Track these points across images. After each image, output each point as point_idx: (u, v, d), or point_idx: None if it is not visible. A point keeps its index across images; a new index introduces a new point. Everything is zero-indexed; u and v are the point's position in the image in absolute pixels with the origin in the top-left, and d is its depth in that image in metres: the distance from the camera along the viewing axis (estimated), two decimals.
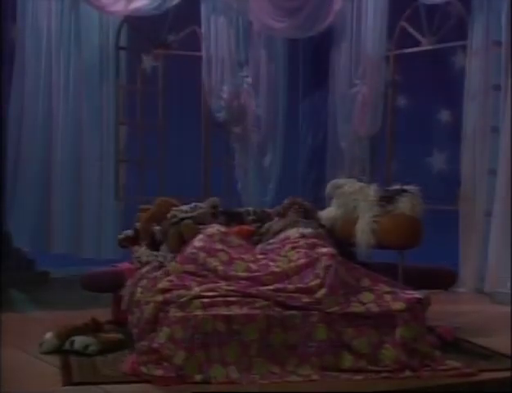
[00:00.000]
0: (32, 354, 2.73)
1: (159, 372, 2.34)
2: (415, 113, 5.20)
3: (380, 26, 4.86)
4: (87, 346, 2.71)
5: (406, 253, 3.20)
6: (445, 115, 5.18)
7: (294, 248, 2.84)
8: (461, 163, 4.54)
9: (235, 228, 3.24)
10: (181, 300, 2.46)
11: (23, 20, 4.83)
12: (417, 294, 2.61)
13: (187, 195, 3.94)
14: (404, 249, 3.18)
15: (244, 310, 2.44)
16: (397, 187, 3.31)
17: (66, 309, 3.69)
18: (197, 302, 2.45)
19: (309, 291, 2.55)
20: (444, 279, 3.39)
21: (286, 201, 3.46)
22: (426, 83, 5.13)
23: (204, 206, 3.32)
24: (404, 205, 3.18)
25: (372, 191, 3.29)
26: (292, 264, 2.70)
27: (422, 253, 3.29)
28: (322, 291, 2.54)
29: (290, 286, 2.58)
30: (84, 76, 5.03)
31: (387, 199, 3.23)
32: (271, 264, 2.75)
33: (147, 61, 5.32)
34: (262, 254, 2.91)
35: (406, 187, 3.27)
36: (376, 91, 4.92)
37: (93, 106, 5.04)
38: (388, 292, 2.60)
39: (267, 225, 3.33)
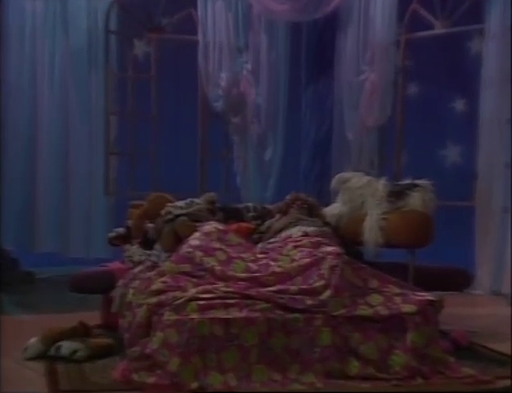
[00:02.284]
0: (15, 360, 2.73)
1: (151, 380, 2.34)
2: (428, 102, 5.19)
3: (390, 8, 4.84)
4: (74, 352, 2.71)
5: (417, 252, 3.20)
6: (460, 104, 5.17)
7: (296, 247, 2.84)
8: (478, 156, 4.53)
9: (234, 226, 3.25)
10: (177, 302, 2.46)
11: (6, 2, 4.82)
12: (429, 296, 2.61)
13: (182, 190, 3.94)
14: (415, 248, 3.18)
15: (244, 313, 2.44)
16: (407, 181, 3.31)
17: (52, 312, 3.70)
18: (193, 304, 2.45)
19: (313, 292, 2.55)
20: (458, 280, 3.39)
21: (288, 197, 3.47)
22: (439, 69, 5.12)
23: (200, 202, 3.33)
24: (415, 200, 3.18)
25: (381, 185, 3.29)
26: (295, 264, 2.70)
27: (435, 252, 3.29)
28: (327, 293, 2.54)
29: (293, 288, 2.58)
30: (71, 62, 5.03)
31: (397, 194, 3.23)
32: (272, 263, 2.75)
33: (139, 46, 5.31)
34: (262, 253, 2.91)
35: (417, 182, 3.27)
36: (385, 78, 4.91)
37: (81, 94, 5.04)
38: (397, 294, 2.59)
39: (267, 222, 3.33)
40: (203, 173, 5.15)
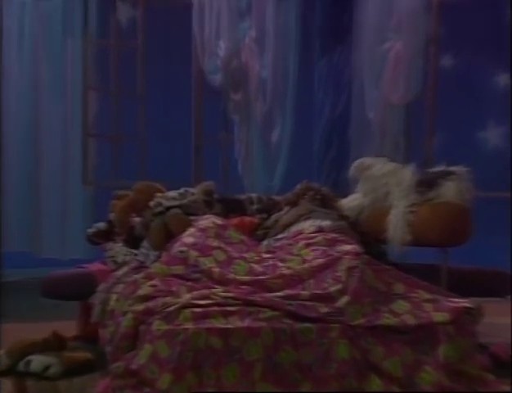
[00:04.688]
0: None
1: None
2: (465, 75, 5.18)
3: None
4: (47, 368, 2.73)
5: (451, 251, 3.20)
6: (503, 79, 5.16)
7: (308, 245, 2.84)
8: None
9: (235, 220, 3.27)
10: (168, 309, 2.46)
11: None
12: (465, 302, 2.60)
13: (174, 179, 3.95)
14: (449, 246, 3.18)
15: (246, 322, 2.44)
16: (440, 168, 3.31)
17: (21, 321, 3.72)
18: (187, 312, 2.45)
19: (328, 298, 2.54)
20: (500, 284, 3.39)
21: (299, 187, 3.49)
22: (479, 37, 5.11)
23: (195, 193, 3.35)
24: (449, 190, 3.17)
25: (408, 173, 3.29)
26: (306, 265, 2.70)
27: (472, 251, 3.30)
28: (344, 299, 2.53)
29: (304, 293, 2.58)
30: (43, 29, 5.03)
31: (427, 183, 3.23)
32: (279, 264, 2.75)
33: (123, 10, 5.32)
34: (268, 252, 2.92)
35: (451, 169, 3.26)
36: (414, 47, 4.89)
37: (55, 66, 5.05)
38: (428, 300, 2.59)
39: (274, 216, 3.35)
40: (198, 159, 5.15)
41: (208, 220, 3.00)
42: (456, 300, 2.61)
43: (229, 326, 2.41)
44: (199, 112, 5.18)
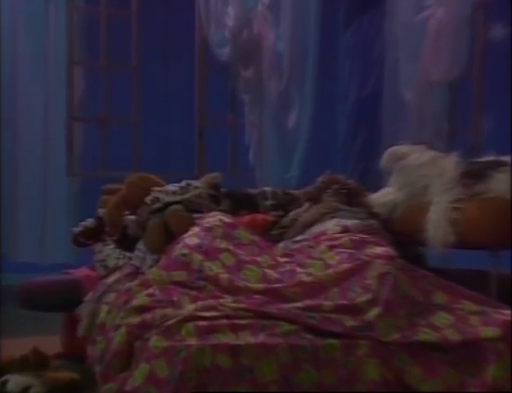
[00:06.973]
0: None
1: None
2: None
3: None
4: (26, 389, 2.75)
5: (502, 255, 3.19)
6: None
7: (332, 247, 2.86)
8: None
9: (246, 218, 3.28)
10: (167, 323, 2.48)
11: None
12: None
13: (174, 169, 3.97)
14: (500, 249, 3.17)
15: (259, 338, 2.45)
16: (489, 157, 3.30)
17: None
18: (190, 326, 2.47)
19: (355, 310, 2.56)
20: None
21: (321, 179, 3.50)
22: None
23: (199, 186, 3.36)
24: (500, 184, 3.16)
25: (451, 163, 3.29)
26: (330, 271, 2.71)
27: None
28: (375, 311, 2.55)
29: (327, 304, 2.59)
30: None
31: (474, 175, 3.22)
32: (298, 270, 2.77)
33: None
34: (285, 256, 2.93)
35: (503, 159, 3.25)
36: (458, 15, 4.88)
37: (35, 37, 5.06)
38: (474, 313, 2.59)
39: (292, 214, 3.36)
40: (202, 146, 5.17)
41: (214, 218, 3.02)
42: (508, 312, 2.61)
43: (239, 342, 2.43)
44: (204, 91, 5.19)
